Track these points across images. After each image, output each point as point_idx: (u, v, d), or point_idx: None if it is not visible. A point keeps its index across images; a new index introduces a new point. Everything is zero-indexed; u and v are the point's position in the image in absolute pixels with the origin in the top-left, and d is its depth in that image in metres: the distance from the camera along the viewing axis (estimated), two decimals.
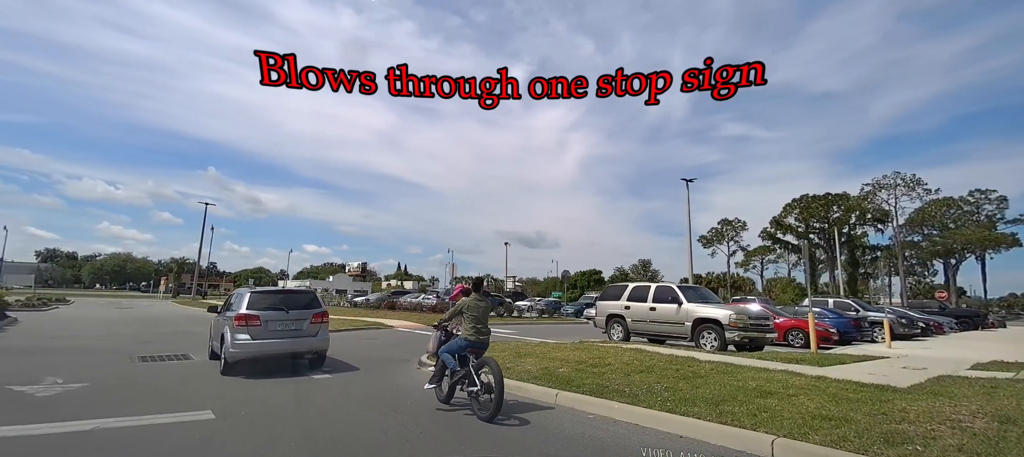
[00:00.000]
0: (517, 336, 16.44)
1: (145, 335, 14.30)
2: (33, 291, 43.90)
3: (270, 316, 8.44)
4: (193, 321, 20.05)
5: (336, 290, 79.75)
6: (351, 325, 18.69)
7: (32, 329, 14.53)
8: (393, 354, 11.27)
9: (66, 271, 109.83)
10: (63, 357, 9.51)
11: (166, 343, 12.48)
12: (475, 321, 5.87)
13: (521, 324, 23.01)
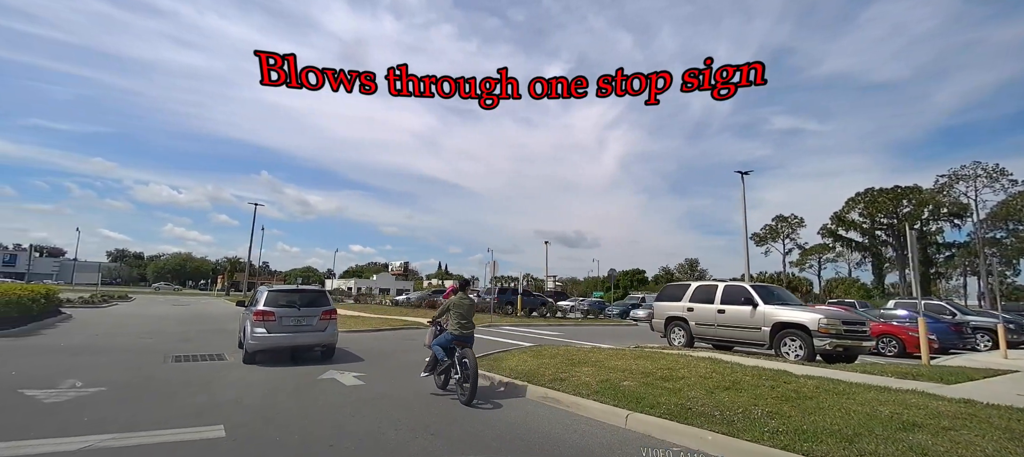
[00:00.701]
0: (563, 339, 15.29)
1: (189, 332, 14.16)
2: (98, 289, 46.51)
3: (284, 312, 9.28)
4: (238, 318, 20.05)
5: (379, 289, 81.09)
6: (391, 324, 18.11)
7: (81, 326, 14.68)
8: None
9: (132, 270, 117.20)
10: (96, 357, 9.18)
11: (205, 341, 12.18)
12: (460, 317, 6.56)
13: (565, 325, 21.83)
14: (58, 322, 14.98)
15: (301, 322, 9.42)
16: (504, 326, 19.65)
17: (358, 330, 16.09)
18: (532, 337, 15.57)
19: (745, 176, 32.57)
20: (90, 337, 12.16)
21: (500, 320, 21.45)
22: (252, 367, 8.54)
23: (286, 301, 9.54)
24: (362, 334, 15.40)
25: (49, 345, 10.43)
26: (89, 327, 14.42)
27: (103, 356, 9.30)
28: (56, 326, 14.05)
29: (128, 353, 9.83)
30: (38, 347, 10.06)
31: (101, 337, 12.36)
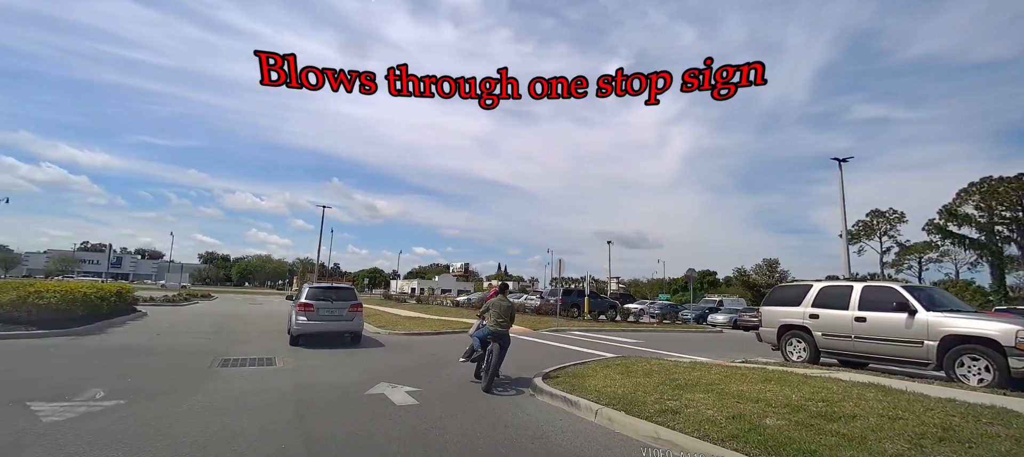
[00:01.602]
0: (646, 348, 13.37)
1: (248, 332, 13.71)
2: (183, 288, 49.73)
3: (321, 304, 11.33)
4: None
5: (441, 290, 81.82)
6: (450, 326, 16.96)
7: (149, 325, 14.70)
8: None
9: (219, 270, 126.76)
10: (141, 359, 8.56)
11: (260, 342, 11.53)
12: (497, 316, 7.27)
13: (641, 332, 19.72)
14: (129, 320, 15.12)
15: (334, 313, 11.46)
16: (572, 331, 17.94)
17: (417, 333, 15.04)
18: (609, 345, 13.79)
19: (843, 163, 28.64)
20: (151, 337, 11.87)
21: (566, 324, 19.76)
22: (295, 376, 7.56)
23: (323, 295, 11.63)
24: (420, 338, 14.31)
25: (103, 345, 10.07)
26: (156, 327, 14.38)
27: (150, 358, 8.67)
28: (125, 325, 14.10)
29: (177, 355, 9.20)
30: (90, 347, 9.69)
31: (162, 336, 12.06)
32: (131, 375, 7.04)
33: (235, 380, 7.10)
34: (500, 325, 7.25)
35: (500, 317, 7.27)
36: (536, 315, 23.98)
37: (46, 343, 9.86)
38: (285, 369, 8.20)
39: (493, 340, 7.17)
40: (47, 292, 10.91)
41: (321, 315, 11.27)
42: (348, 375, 7.74)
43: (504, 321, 7.30)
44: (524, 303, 27.58)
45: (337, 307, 11.54)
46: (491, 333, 7.22)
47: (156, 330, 13.14)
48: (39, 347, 9.39)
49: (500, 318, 7.26)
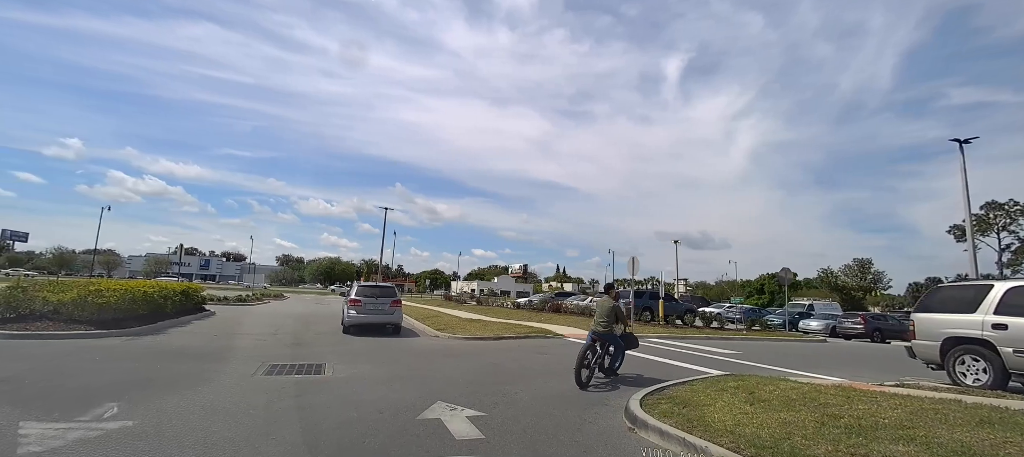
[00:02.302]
0: (747, 361, 11.28)
1: (306, 334, 13.07)
2: (263, 288, 52.17)
3: (367, 300, 13.39)
4: None
5: (500, 291, 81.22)
6: (517, 330, 15.55)
7: (211, 325, 14.51)
8: (565, 378, 7.35)
9: (293, 272, 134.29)
10: (181, 364, 7.84)
11: (316, 345, 10.76)
12: (598, 316, 7.57)
13: (731, 339, 17.36)
14: (194, 320, 15.05)
15: (378, 307, 13.48)
16: (650, 338, 16.00)
17: (479, 337, 13.79)
18: (701, 356, 11.81)
19: (965, 144, 24.31)
20: (208, 338, 11.42)
21: (642, 329, 17.77)
22: (341, 388, 6.45)
23: (369, 293, 13.76)
24: (484, 342, 13.04)
25: (152, 347, 9.58)
26: (218, 326, 14.13)
27: (191, 363, 7.94)
28: (188, 325, 13.94)
29: (223, 360, 8.45)
30: (137, 349, 9.20)
31: (219, 337, 11.59)
32: (158, 384, 6.20)
33: (275, 393, 6.06)
34: (599, 325, 7.41)
35: (603, 317, 7.42)
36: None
37: (96, 344, 9.51)
38: (333, 380, 7.14)
39: (598, 341, 7.36)
40: (107, 291, 10.71)
41: (367, 309, 13.39)
42: (401, 391, 6.50)
43: (605, 321, 7.39)
44: (590, 305, 25.73)
45: (380, 303, 13.65)
46: (594, 333, 7.42)
47: (215, 331, 12.79)
48: (85, 348, 9.01)
49: (602, 318, 7.42)
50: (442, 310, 28.02)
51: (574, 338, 14.65)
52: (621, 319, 7.62)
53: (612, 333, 7.41)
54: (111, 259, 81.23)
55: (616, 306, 7.56)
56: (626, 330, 7.83)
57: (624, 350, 7.81)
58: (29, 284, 10.87)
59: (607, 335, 7.38)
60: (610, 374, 7.60)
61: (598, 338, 7.37)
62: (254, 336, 12.22)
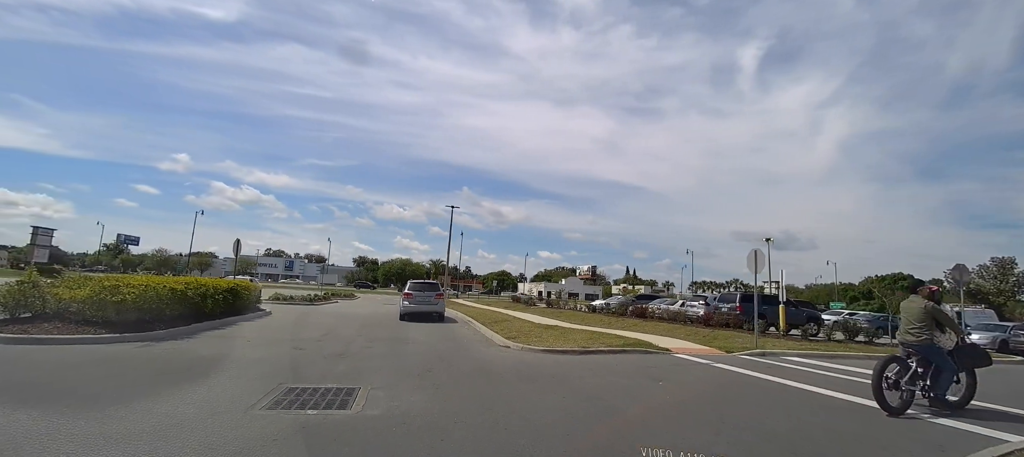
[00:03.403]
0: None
1: (355, 343, 10.93)
2: (329, 287, 52.72)
3: (416, 294, 18.20)
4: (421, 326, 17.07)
5: (568, 293, 77.90)
6: (605, 342, 12.43)
7: (259, 326, 12.93)
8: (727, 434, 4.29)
9: (367, 273, 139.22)
10: (172, 386, 5.72)
11: (359, 358, 8.51)
12: (905, 323, 6.34)
13: (879, 355, 13.13)
14: (242, 321, 13.53)
15: (425, 300, 18.07)
16: (787, 355, 12.32)
17: (561, 350, 10.95)
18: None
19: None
20: (240, 345, 9.53)
21: (769, 343, 13.98)
22: (361, 442, 3.84)
23: (418, 289, 18.52)
24: (569, 358, 10.16)
25: (160, 357, 7.68)
26: (264, 330, 12.43)
27: (187, 385, 5.80)
28: (233, 326, 12.36)
29: (236, 378, 6.32)
30: (136, 360, 7.32)
31: (253, 344, 9.67)
32: (129, 418, 3.98)
33: (277, 431, 3.63)
34: (912, 333, 6.18)
35: (913, 323, 6.20)
36: (706, 327, 18.40)
37: (92, 351, 7.78)
38: (359, 420, 4.66)
39: (907, 353, 6.31)
40: (124, 287, 9.11)
41: (416, 301, 17.78)
42: (459, 450, 3.85)
43: (917, 328, 6.13)
44: (685, 311, 21.96)
45: (426, 295, 18.19)
46: (901, 343, 6.43)
47: (256, 336, 10.98)
48: (73, 355, 7.27)
49: (913, 324, 6.20)
50: (511, 313, 25.49)
51: (687, 355, 11.36)
52: (948, 325, 6.25)
53: (933, 345, 6.06)
54: (204, 260, 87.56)
55: (933, 308, 6.12)
56: (961, 341, 6.31)
57: (956, 371, 6.15)
58: (41, 280, 9.53)
59: (925, 348, 6.09)
60: (937, 403, 6.08)
61: (911, 351, 6.23)
62: (296, 342, 10.24)
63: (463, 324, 18.22)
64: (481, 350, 10.82)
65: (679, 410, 5.89)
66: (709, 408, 6.01)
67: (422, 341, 11.82)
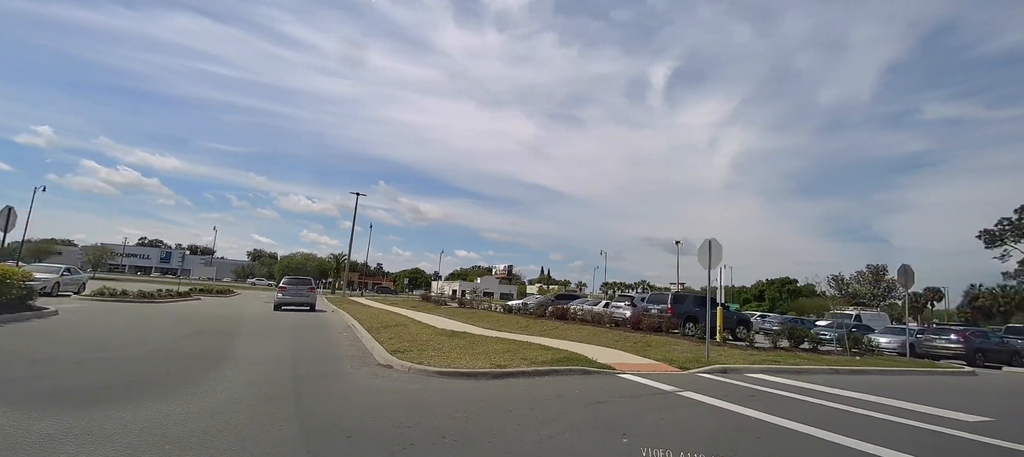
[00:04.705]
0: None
1: (141, 367, 6.68)
2: (210, 282, 44.74)
3: (291, 287, 21.96)
4: (271, 332, 12.79)
5: (484, 292, 74.84)
6: (528, 356, 9.15)
7: (29, 336, 7.95)
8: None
9: (263, 268, 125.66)
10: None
11: (95, 407, 4.32)
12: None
13: (872, 373, 11.32)
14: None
15: (298, 292, 21.92)
16: (755, 372, 9.96)
17: (469, 371, 7.53)
18: (885, 422, 5.76)
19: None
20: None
21: (721, 356, 11.61)
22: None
23: (292, 282, 22.50)
24: (480, 385, 6.69)
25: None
26: (22, 339, 7.57)
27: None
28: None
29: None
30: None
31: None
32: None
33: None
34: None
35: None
36: (635, 331, 16.02)
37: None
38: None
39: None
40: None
41: (290, 293, 21.77)
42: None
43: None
44: (611, 313, 19.59)
45: (300, 289, 22.20)
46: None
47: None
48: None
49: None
50: (413, 315, 21.62)
51: (635, 375, 8.47)
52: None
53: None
54: (44, 247, 71.83)
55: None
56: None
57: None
58: None
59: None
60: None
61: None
62: (63, 363, 5.77)
63: (342, 330, 14.13)
64: (346, 376, 7.09)
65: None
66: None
67: (263, 362, 7.79)
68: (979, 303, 52.54)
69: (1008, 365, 18.58)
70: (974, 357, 18.63)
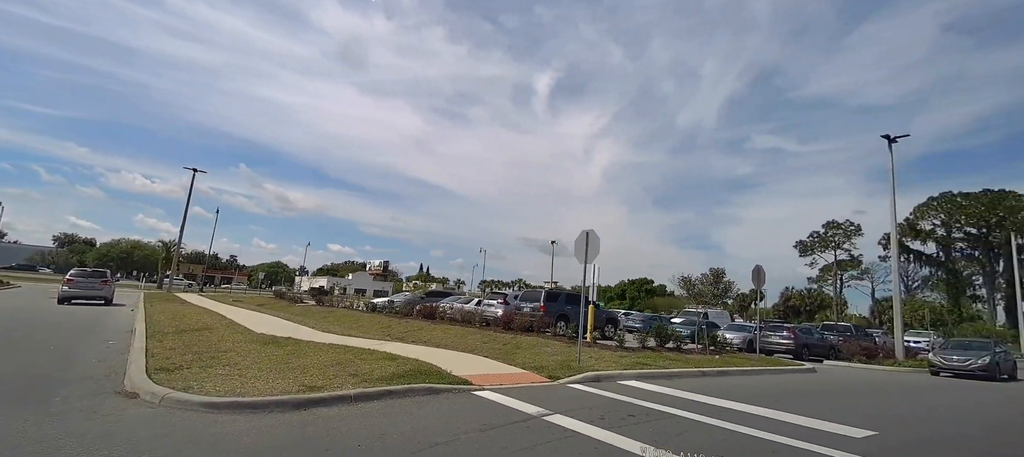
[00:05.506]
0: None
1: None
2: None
3: (80, 280, 20.16)
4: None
5: (355, 289, 69.32)
6: (360, 369, 6.95)
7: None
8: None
9: (72, 256, 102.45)
10: None
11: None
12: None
13: (732, 376, 11.02)
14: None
15: (89, 285, 20.12)
16: (629, 379, 8.87)
17: (255, 402, 5.09)
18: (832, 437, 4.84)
19: (893, 143, 22.33)
20: None
21: (592, 358, 10.50)
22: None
23: (82, 275, 20.86)
24: (261, 426, 4.28)
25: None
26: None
27: None
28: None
29: None
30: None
31: None
32: None
33: None
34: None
35: None
36: (506, 331, 14.60)
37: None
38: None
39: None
40: None
41: (78, 286, 19.70)
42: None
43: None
44: (482, 311, 17.99)
45: (91, 282, 20.39)
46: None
47: None
48: None
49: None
50: (243, 316, 17.79)
51: (495, 392, 6.74)
52: None
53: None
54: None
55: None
56: None
57: None
58: None
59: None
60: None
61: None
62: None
63: (119, 334, 10.42)
64: (52, 416, 4.24)
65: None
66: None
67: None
68: (791, 303, 62.27)
69: (826, 359, 20.96)
70: (801, 352, 20.70)
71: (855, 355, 20.15)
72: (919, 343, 30.10)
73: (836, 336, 23.95)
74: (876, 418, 6.84)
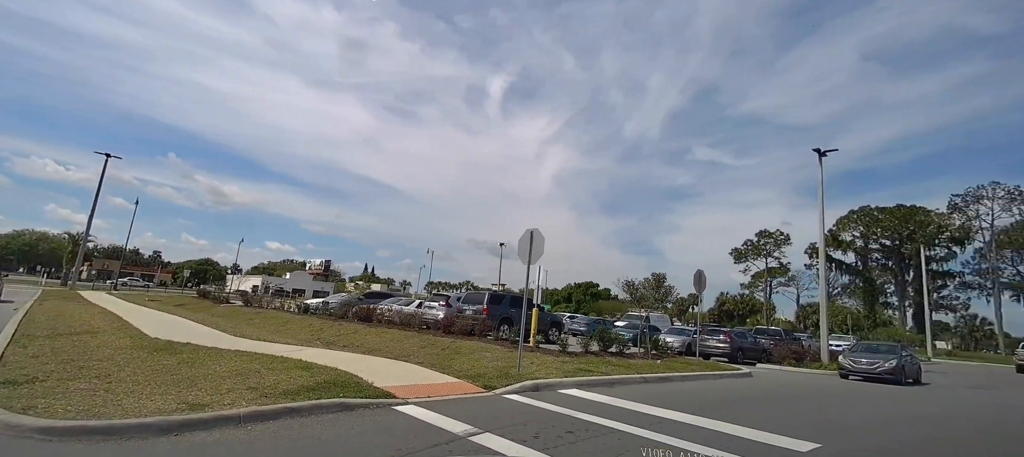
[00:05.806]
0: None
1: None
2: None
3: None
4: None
5: (293, 289, 65.50)
6: (257, 383, 5.96)
7: None
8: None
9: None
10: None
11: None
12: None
13: (672, 381, 10.75)
14: None
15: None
16: (569, 387, 8.34)
17: (102, 426, 4.05)
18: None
19: (824, 156, 23.56)
20: None
21: (532, 364, 9.92)
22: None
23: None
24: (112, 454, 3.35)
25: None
26: None
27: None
28: None
29: None
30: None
31: None
32: None
33: None
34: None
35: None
36: (447, 335, 13.79)
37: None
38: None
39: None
40: None
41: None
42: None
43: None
44: (422, 314, 17.04)
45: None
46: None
47: None
48: None
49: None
50: (148, 317, 15.93)
51: (421, 407, 5.98)
52: None
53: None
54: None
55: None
56: None
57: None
58: None
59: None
60: None
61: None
62: None
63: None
64: None
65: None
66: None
67: None
68: (726, 307, 65.25)
69: (760, 362, 21.65)
70: (736, 355, 21.24)
71: (785, 358, 20.91)
72: (841, 346, 32.11)
73: (768, 340, 24.89)
74: (818, 428, 6.69)
